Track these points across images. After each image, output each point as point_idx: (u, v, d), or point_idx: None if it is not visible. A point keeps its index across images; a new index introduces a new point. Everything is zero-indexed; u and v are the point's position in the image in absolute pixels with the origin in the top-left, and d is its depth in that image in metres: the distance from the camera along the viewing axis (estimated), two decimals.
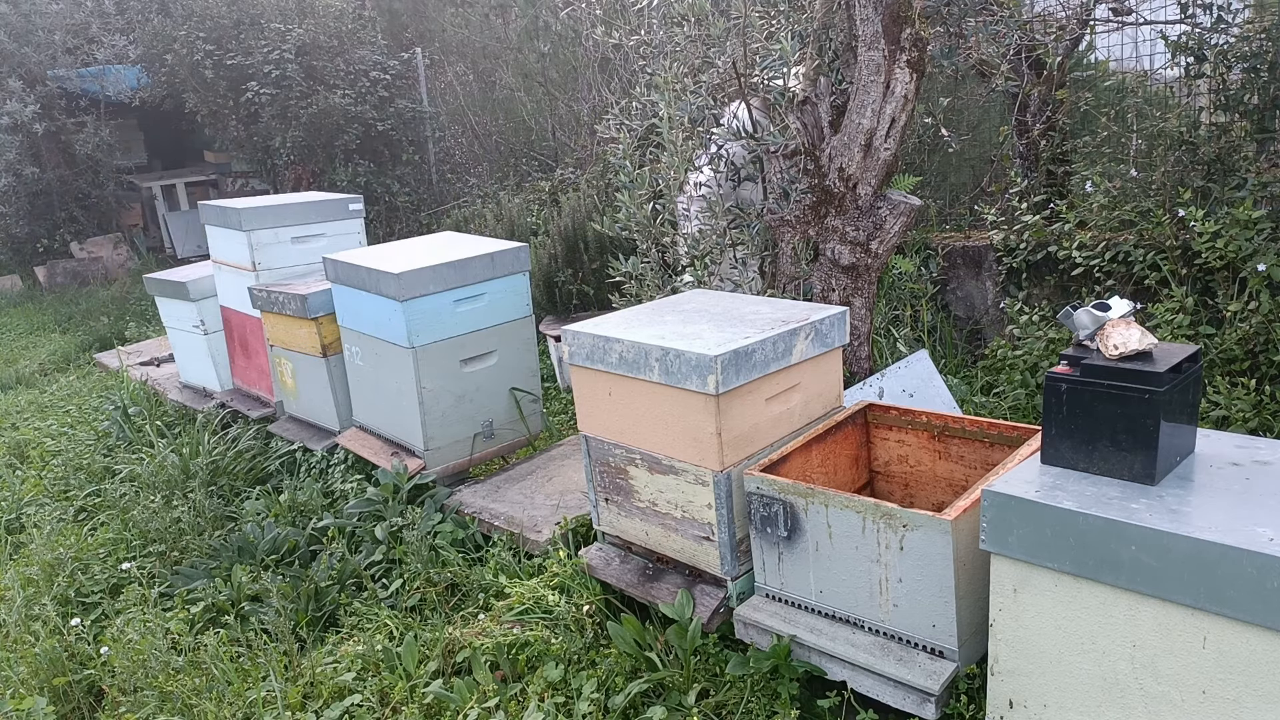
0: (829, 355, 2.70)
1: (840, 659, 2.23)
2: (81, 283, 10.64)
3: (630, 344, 2.51)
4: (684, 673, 2.44)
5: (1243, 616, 1.51)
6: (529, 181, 8.15)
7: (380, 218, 9.14)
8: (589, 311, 5.37)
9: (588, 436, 2.80)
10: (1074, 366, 1.81)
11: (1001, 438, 2.48)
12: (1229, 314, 3.36)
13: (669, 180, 4.33)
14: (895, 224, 3.55)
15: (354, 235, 4.80)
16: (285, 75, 8.78)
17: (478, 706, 2.45)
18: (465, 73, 9.79)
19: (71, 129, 10.78)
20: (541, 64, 8.70)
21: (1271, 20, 3.60)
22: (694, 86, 4.52)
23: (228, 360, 5.08)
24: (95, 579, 3.63)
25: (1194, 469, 1.79)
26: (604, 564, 2.85)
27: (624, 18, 6.19)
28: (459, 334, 3.72)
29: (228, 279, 4.75)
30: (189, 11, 9.24)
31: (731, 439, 2.43)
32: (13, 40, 10.16)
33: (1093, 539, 1.64)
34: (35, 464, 5.06)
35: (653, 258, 4.46)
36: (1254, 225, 3.28)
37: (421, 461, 3.73)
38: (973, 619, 2.08)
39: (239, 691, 2.77)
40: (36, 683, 3.00)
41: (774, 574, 2.40)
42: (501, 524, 3.29)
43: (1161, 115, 4.02)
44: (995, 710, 1.90)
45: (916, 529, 2.04)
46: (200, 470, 4.26)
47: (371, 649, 2.81)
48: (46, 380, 7.23)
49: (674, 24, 4.76)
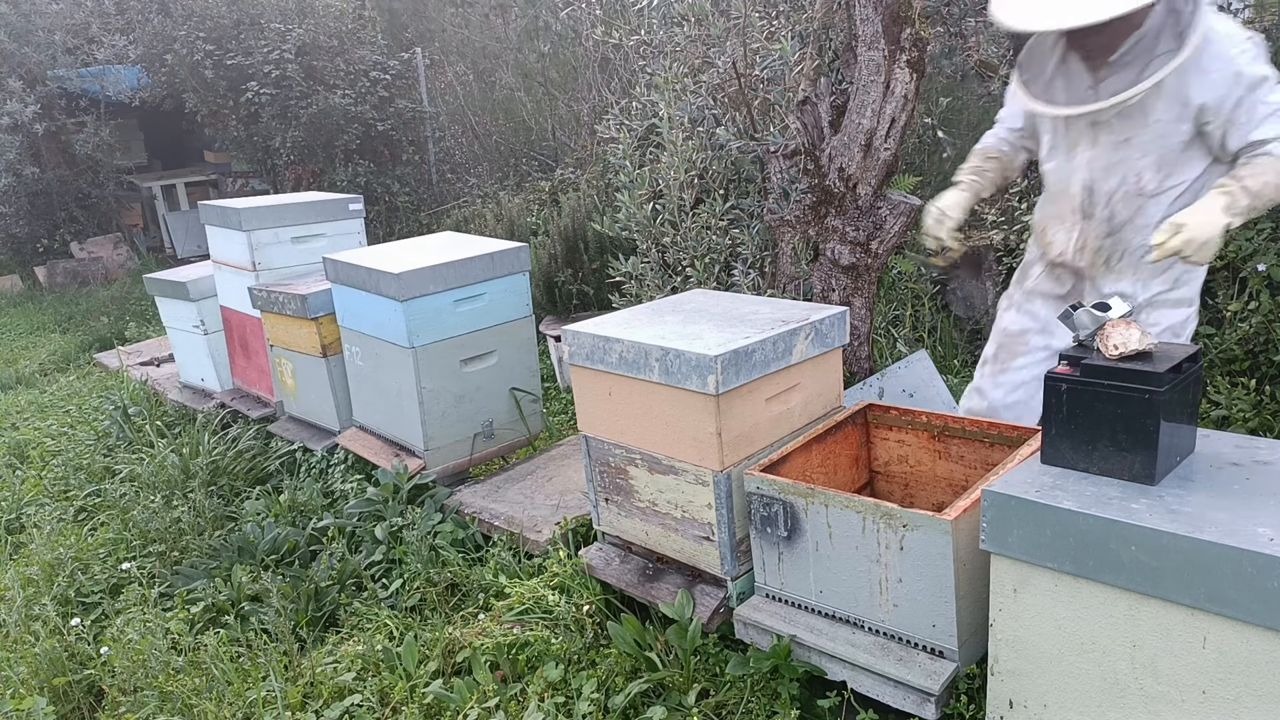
0: (829, 355, 2.70)
1: (840, 659, 2.23)
2: (81, 283, 10.64)
3: (630, 344, 2.51)
4: (684, 673, 2.44)
5: (1243, 616, 1.51)
6: (529, 181, 8.16)
7: (380, 218, 9.14)
8: (589, 311, 5.37)
9: (588, 436, 2.80)
10: (1074, 366, 1.81)
11: (1001, 438, 2.48)
12: (1229, 314, 3.37)
13: (669, 180, 4.33)
14: (895, 224, 3.55)
15: (354, 235, 4.80)
16: (285, 75, 8.78)
17: (478, 706, 2.45)
18: (465, 73, 9.79)
19: (71, 129, 10.78)
20: (541, 64, 8.70)
21: (1271, 20, 3.60)
22: (694, 86, 4.52)
23: (228, 360, 5.08)
24: (95, 579, 3.63)
25: (1194, 469, 1.79)
26: (604, 564, 2.85)
27: (624, 18, 6.19)
28: (459, 334, 3.72)
29: (228, 279, 4.75)
30: (189, 11, 9.24)
31: (731, 439, 2.43)
32: (13, 40, 10.16)
33: (1093, 539, 1.64)
34: (35, 464, 5.06)
35: (653, 258, 4.46)
36: (1254, 225, 3.28)
37: (421, 461, 3.73)
38: (973, 619, 2.08)
39: (239, 691, 2.77)
40: (36, 683, 3.00)
41: (774, 574, 2.40)
42: (501, 524, 3.29)
43: None
44: (995, 710, 1.90)
45: (916, 529, 2.04)
46: (200, 470, 4.26)
47: (371, 649, 2.81)
48: (46, 380, 7.24)
49: (674, 24, 4.76)
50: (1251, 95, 2.22)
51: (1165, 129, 2.31)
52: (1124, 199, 2.42)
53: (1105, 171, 2.43)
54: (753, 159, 4.32)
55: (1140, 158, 2.36)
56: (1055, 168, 2.56)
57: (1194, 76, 2.21)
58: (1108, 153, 2.40)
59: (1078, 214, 2.53)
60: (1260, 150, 2.24)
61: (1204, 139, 2.32)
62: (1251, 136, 2.24)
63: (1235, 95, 2.22)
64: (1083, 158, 2.46)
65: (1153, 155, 2.35)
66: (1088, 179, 2.47)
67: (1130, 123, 2.32)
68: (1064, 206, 2.57)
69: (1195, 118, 2.27)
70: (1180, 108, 2.27)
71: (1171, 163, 2.36)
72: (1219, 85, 2.22)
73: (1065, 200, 2.55)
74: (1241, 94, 2.22)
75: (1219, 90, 2.22)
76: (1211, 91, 2.23)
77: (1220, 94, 2.22)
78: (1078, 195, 2.51)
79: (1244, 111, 2.23)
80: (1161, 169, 2.36)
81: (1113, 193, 2.43)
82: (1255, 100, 2.22)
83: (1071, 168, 2.50)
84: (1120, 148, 2.38)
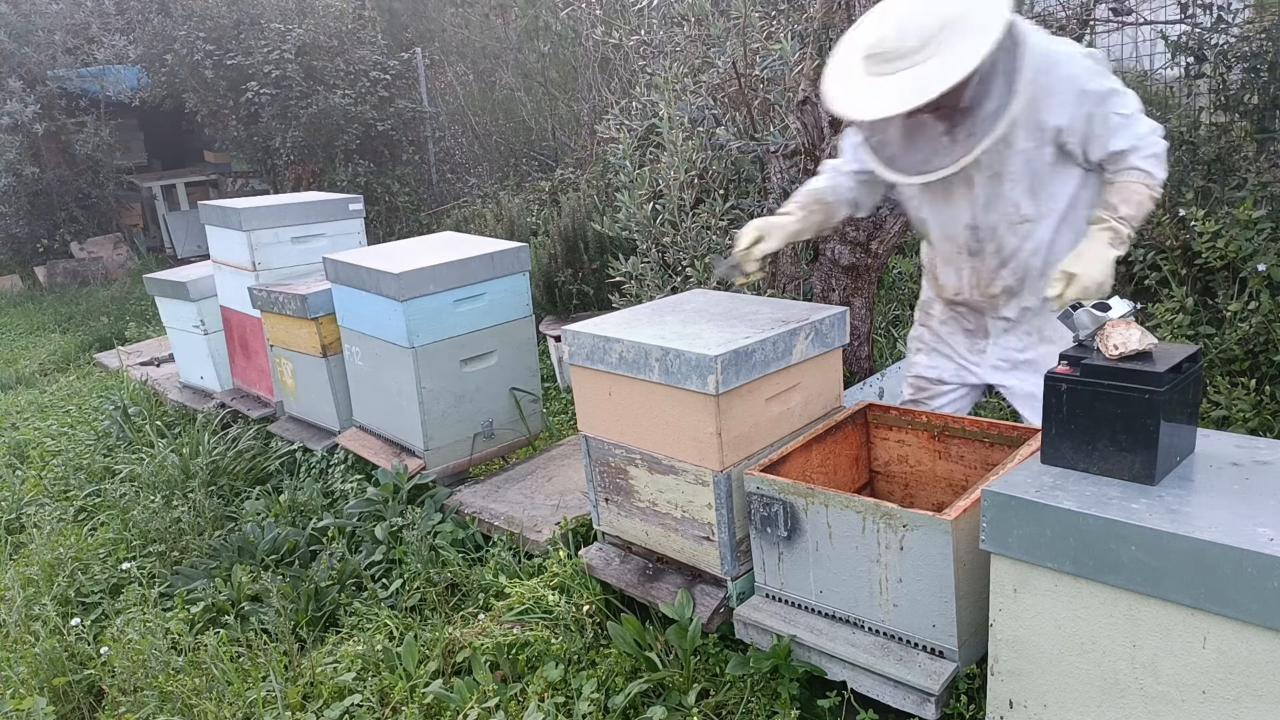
0: (829, 355, 2.70)
1: (840, 659, 2.23)
2: (81, 283, 10.64)
3: (630, 344, 2.51)
4: (684, 673, 2.44)
5: (1243, 616, 1.51)
6: (529, 181, 8.16)
7: (380, 218, 9.13)
8: (589, 311, 5.37)
9: (588, 436, 2.80)
10: (1074, 366, 1.81)
11: (1001, 438, 2.48)
12: (1229, 314, 3.36)
13: (669, 180, 4.33)
14: (895, 224, 3.55)
15: (354, 235, 4.80)
16: (285, 75, 8.78)
17: (478, 706, 2.45)
18: (465, 73, 9.79)
19: (71, 129, 10.78)
20: (541, 64, 8.70)
21: (1271, 20, 3.61)
22: (694, 86, 4.52)
23: (228, 360, 5.08)
24: (95, 579, 3.63)
25: (1194, 469, 1.79)
26: (604, 564, 2.85)
27: (624, 18, 6.19)
28: (459, 334, 3.72)
29: (228, 279, 4.75)
30: (189, 11, 9.24)
31: (731, 439, 2.43)
32: (13, 40, 10.16)
33: (1093, 539, 1.64)
34: (35, 464, 5.06)
35: (653, 258, 4.46)
36: (1254, 225, 3.28)
37: (421, 461, 3.73)
38: (973, 619, 2.08)
39: (239, 691, 2.77)
40: (36, 683, 3.00)
41: (774, 574, 2.40)
42: (501, 524, 3.29)
43: (1162, 115, 4.02)
44: (995, 710, 1.90)
45: (916, 529, 2.04)
46: (200, 470, 4.26)
47: (371, 649, 2.81)
48: (46, 380, 7.24)
49: (674, 24, 4.77)
50: (1102, 108, 2.29)
51: (1030, 155, 2.36)
52: (1009, 229, 2.46)
53: (986, 208, 2.46)
54: (753, 159, 4.32)
55: (1014, 188, 2.40)
56: (933, 215, 2.58)
57: (1044, 101, 2.26)
58: (985, 189, 2.44)
59: (964, 253, 2.55)
60: (1123, 164, 2.33)
61: (1070, 156, 2.38)
62: (1111, 147, 2.32)
63: (1086, 111, 2.29)
64: (962, 199, 2.48)
65: (1024, 183, 2.40)
66: (970, 219, 2.49)
67: (998, 156, 2.36)
68: (949, 249, 2.59)
69: (1054, 139, 2.34)
70: (1039, 133, 2.33)
71: (1045, 185, 2.41)
72: (1069, 105, 2.29)
73: (950, 244, 2.58)
74: (1092, 109, 2.29)
75: (1070, 109, 2.29)
76: (1064, 112, 2.29)
77: (1072, 112, 2.29)
78: (963, 236, 2.53)
79: (1098, 124, 2.30)
80: (1036, 194, 2.41)
81: (996, 226, 2.47)
82: (1107, 112, 2.30)
83: (952, 212, 2.52)
84: (994, 182, 2.41)
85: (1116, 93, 2.31)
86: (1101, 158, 2.35)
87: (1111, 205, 2.31)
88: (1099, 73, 2.31)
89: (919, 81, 2.13)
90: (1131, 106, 2.32)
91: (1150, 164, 2.33)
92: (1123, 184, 2.33)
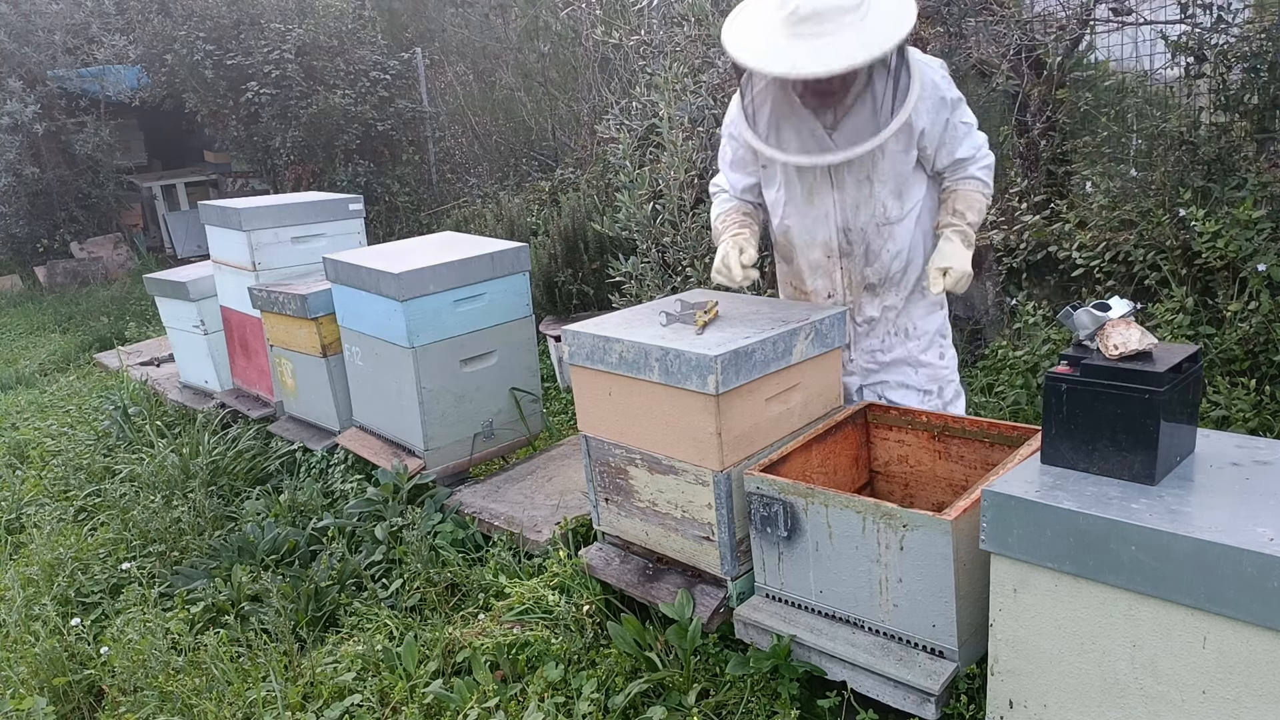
0: (829, 355, 2.70)
1: (840, 659, 2.23)
2: (81, 283, 10.64)
3: (630, 344, 2.51)
4: (684, 673, 2.44)
5: (1243, 616, 1.51)
6: (529, 181, 8.16)
7: (380, 218, 9.13)
8: (589, 311, 5.37)
9: (588, 436, 2.80)
10: (1074, 366, 1.81)
11: (1001, 438, 2.48)
12: (1229, 314, 3.36)
13: (669, 180, 4.33)
14: None
15: (354, 235, 4.80)
16: (285, 75, 8.78)
17: (478, 706, 2.45)
18: (465, 73, 9.78)
19: (71, 129, 10.78)
20: (541, 64, 8.70)
21: (1271, 20, 3.60)
22: (694, 86, 4.53)
23: (228, 360, 5.08)
24: (95, 579, 3.63)
25: (1194, 469, 1.79)
26: (604, 564, 2.85)
27: (624, 18, 6.19)
28: (459, 334, 3.72)
29: (228, 279, 4.75)
30: (189, 11, 9.24)
31: (731, 439, 2.43)
32: (13, 40, 10.16)
33: (1093, 539, 1.64)
34: (35, 464, 5.06)
35: (653, 258, 4.46)
36: (1254, 225, 3.28)
37: (421, 461, 3.73)
38: (973, 619, 2.08)
39: (239, 691, 2.77)
40: (36, 683, 3.00)
41: (774, 574, 2.40)
42: (501, 524, 3.29)
43: (1161, 115, 4.01)
44: (995, 710, 1.90)
45: (916, 529, 2.04)
46: (200, 470, 4.26)
47: (371, 649, 2.81)
48: (46, 380, 7.24)
49: (674, 24, 4.77)
50: (954, 115, 2.43)
51: (897, 158, 2.45)
52: (875, 230, 2.55)
53: (855, 209, 2.54)
54: None
55: (882, 189, 2.49)
56: (798, 221, 2.63)
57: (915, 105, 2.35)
58: (854, 191, 2.51)
59: (835, 255, 2.62)
60: (963, 172, 2.48)
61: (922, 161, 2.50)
62: (956, 154, 2.46)
63: (944, 117, 2.42)
64: (829, 201, 2.54)
65: (890, 184, 2.49)
66: (840, 220, 2.56)
67: (870, 158, 2.43)
68: (816, 255, 2.66)
69: (917, 142, 2.44)
70: (907, 137, 2.42)
71: (906, 188, 2.51)
72: (932, 110, 2.40)
73: (816, 249, 2.65)
74: (948, 115, 2.42)
75: (932, 115, 2.41)
76: (928, 116, 2.40)
77: (933, 118, 2.41)
78: (833, 238, 2.60)
79: (950, 132, 2.44)
80: (900, 196, 2.51)
81: (864, 227, 2.55)
82: (956, 120, 2.44)
83: (817, 215, 2.58)
84: (863, 184, 2.49)
85: (962, 101, 2.44)
86: (946, 164, 2.48)
87: (959, 212, 2.46)
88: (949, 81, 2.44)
89: (864, 38, 2.15)
90: (970, 117, 2.47)
91: (985, 174, 2.49)
92: (965, 192, 2.48)
